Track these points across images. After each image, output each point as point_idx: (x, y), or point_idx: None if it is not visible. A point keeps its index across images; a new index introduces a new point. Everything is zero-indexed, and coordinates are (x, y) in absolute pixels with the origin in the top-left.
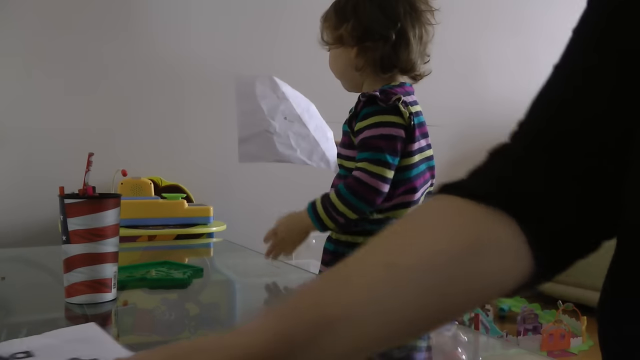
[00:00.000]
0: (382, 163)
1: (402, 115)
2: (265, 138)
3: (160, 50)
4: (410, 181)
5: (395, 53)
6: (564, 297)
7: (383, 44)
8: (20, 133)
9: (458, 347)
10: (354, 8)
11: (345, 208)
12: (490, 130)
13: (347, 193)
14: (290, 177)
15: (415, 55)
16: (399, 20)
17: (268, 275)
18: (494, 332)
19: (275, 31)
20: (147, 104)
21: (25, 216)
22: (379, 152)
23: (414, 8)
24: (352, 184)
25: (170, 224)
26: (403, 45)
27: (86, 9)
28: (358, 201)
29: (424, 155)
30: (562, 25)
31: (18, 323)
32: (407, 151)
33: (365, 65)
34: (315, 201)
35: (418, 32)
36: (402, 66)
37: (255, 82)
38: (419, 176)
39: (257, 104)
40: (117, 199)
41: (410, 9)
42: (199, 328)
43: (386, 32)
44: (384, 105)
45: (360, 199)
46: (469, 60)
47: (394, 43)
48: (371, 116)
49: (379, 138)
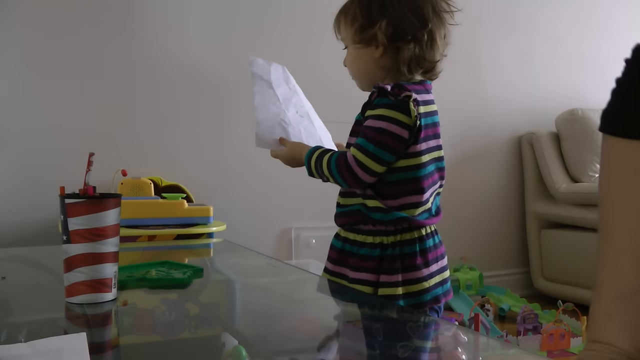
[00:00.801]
0: (371, 155)
1: (409, 113)
2: (281, 128)
3: (160, 50)
4: (418, 181)
5: (423, 54)
6: (564, 297)
7: (414, 45)
8: (20, 133)
9: (458, 347)
10: (381, 8)
11: (329, 175)
12: (490, 130)
13: (334, 166)
14: (291, 178)
15: (439, 56)
16: (428, 21)
17: (268, 275)
18: (494, 332)
19: (275, 31)
20: (147, 104)
21: (25, 216)
22: (372, 143)
23: (439, 9)
24: (340, 162)
25: (170, 224)
26: (430, 46)
27: (86, 10)
28: (340, 179)
29: (433, 155)
30: (561, 25)
31: (18, 323)
32: (416, 151)
33: (393, 65)
34: (314, 153)
35: (443, 33)
36: (427, 66)
37: (270, 68)
38: (427, 177)
39: (273, 91)
40: (117, 199)
41: (436, 9)
42: (199, 328)
43: (418, 32)
44: (393, 99)
45: (343, 178)
46: (469, 61)
47: (424, 44)
48: (380, 108)
49: (378, 131)
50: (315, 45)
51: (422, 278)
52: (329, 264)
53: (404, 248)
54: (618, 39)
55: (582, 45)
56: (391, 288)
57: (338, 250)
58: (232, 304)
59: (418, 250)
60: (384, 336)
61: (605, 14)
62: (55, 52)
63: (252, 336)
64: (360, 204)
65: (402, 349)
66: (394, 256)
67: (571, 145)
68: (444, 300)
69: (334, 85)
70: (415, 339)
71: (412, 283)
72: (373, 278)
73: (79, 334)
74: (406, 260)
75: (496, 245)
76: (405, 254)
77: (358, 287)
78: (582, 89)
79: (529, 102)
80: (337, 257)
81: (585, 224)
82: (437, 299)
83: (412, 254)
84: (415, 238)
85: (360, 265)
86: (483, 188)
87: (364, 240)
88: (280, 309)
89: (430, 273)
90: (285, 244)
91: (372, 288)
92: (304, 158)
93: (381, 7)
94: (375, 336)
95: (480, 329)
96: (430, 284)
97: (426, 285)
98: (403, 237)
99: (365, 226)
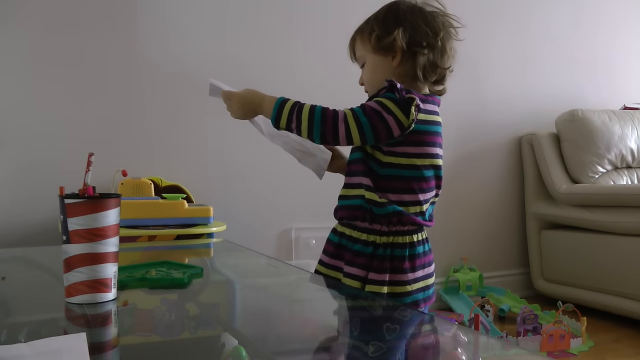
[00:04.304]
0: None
1: (408, 115)
2: None
3: (160, 50)
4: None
5: (435, 60)
6: (564, 297)
7: (429, 51)
8: (20, 133)
9: (458, 347)
10: (396, 20)
11: (307, 119)
12: (490, 131)
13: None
14: (290, 178)
15: (447, 65)
16: (439, 31)
17: (268, 275)
18: (494, 333)
19: (275, 31)
20: (147, 104)
21: (25, 216)
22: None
23: (447, 24)
24: (328, 112)
25: (171, 224)
26: (441, 53)
27: (86, 10)
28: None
29: (428, 162)
30: (561, 26)
31: (18, 323)
32: (405, 152)
33: (409, 72)
34: (289, 100)
35: (451, 45)
36: (440, 74)
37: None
38: (420, 180)
39: None
40: (117, 199)
41: (445, 23)
42: (199, 328)
43: (431, 40)
44: (399, 96)
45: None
46: (469, 62)
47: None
48: (385, 98)
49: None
50: (313, 45)
51: (406, 281)
52: (324, 257)
53: (395, 250)
54: (618, 39)
55: (582, 46)
56: (377, 286)
57: (335, 245)
58: (232, 304)
59: (407, 255)
60: (384, 336)
61: (606, 15)
62: (56, 52)
63: (252, 336)
64: (361, 197)
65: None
66: (385, 256)
67: (571, 146)
68: (424, 305)
69: (333, 85)
70: (416, 339)
71: (396, 284)
72: (362, 274)
73: (79, 334)
74: (395, 262)
75: (496, 245)
76: (395, 257)
77: (348, 282)
78: (582, 89)
79: (529, 102)
80: (334, 251)
81: (585, 224)
82: (417, 303)
83: (402, 257)
84: (407, 243)
85: (352, 260)
86: (483, 188)
87: (358, 237)
88: (280, 309)
89: (415, 278)
90: (285, 244)
91: (360, 283)
92: (267, 102)
93: (395, 18)
94: (376, 335)
95: (480, 329)
96: (413, 288)
97: (409, 289)
98: (395, 240)
99: (362, 223)
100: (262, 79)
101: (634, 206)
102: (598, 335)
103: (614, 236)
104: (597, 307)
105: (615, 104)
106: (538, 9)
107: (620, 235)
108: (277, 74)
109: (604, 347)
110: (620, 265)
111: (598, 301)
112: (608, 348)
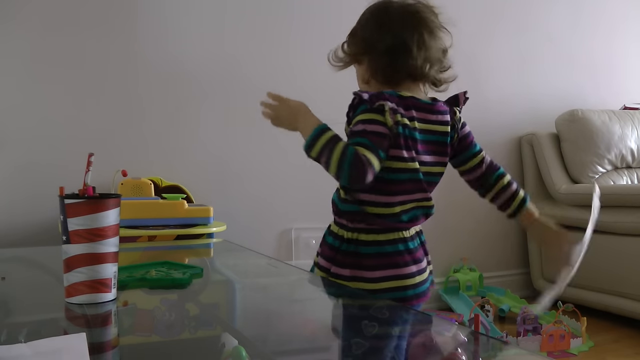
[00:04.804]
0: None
1: (383, 115)
2: None
3: (160, 50)
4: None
5: (394, 62)
6: (564, 298)
7: (379, 56)
8: (20, 134)
9: (458, 347)
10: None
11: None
12: (490, 130)
13: (350, 158)
14: (291, 178)
15: (419, 61)
16: (395, 31)
17: (268, 275)
18: (494, 333)
19: (274, 32)
20: (147, 104)
21: (25, 216)
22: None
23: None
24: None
25: (171, 224)
26: (403, 53)
27: (85, 11)
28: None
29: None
30: (561, 26)
31: (18, 323)
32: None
33: (370, 78)
34: (328, 131)
35: (419, 39)
36: (409, 71)
37: None
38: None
39: None
40: (117, 199)
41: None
42: (199, 328)
43: (379, 44)
44: (369, 106)
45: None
46: (469, 62)
47: (392, 53)
48: (360, 114)
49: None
50: (311, 46)
51: (369, 279)
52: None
53: (359, 247)
54: (618, 39)
55: (581, 46)
56: (340, 280)
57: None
58: (232, 304)
59: (372, 253)
60: (382, 336)
61: (605, 15)
62: (55, 53)
63: (252, 336)
64: (337, 191)
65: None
66: (348, 252)
67: (571, 146)
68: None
69: (331, 86)
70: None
71: (360, 281)
72: (327, 266)
73: (79, 334)
74: (358, 259)
75: (496, 246)
76: (360, 253)
77: (318, 273)
78: (582, 89)
79: (529, 102)
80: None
81: (585, 225)
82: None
83: (367, 255)
84: (372, 241)
85: (322, 251)
86: None
87: (333, 230)
88: (280, 309)
89: (375, 277)
90: (285, 244)
91: (326, 275)
92: (309, 123)
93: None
94: (374, 334)
95: (480, 329)
96: (376, 287)
97: (374, 287)
98: (359, 237)
99: (336, 217)
100: (261, 79)
101: (634, 206)
102: (598, 335)
103: (614, 236)
104: (597, 307)
105: (615, 103)
106: (537, 9)
107: (620, 235)
108: (276, 75)
109: (604, 347)
110: (620, 265)
111: (598, 301)
112: (608, 348)
